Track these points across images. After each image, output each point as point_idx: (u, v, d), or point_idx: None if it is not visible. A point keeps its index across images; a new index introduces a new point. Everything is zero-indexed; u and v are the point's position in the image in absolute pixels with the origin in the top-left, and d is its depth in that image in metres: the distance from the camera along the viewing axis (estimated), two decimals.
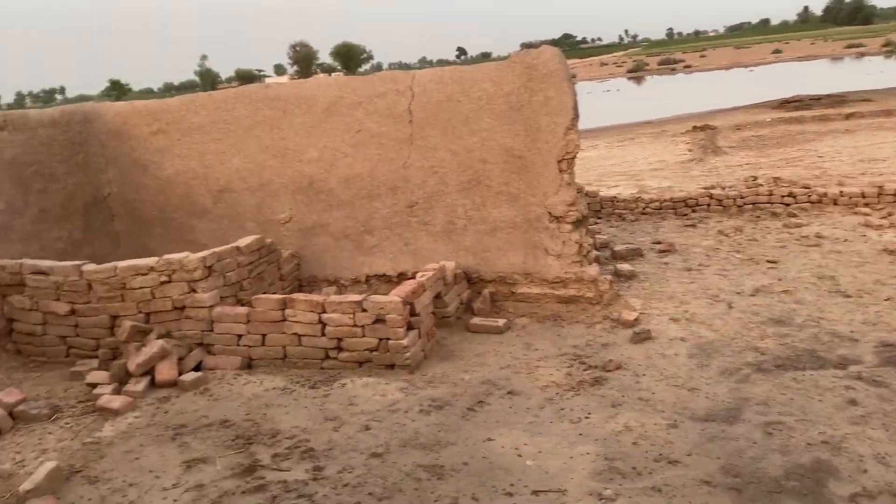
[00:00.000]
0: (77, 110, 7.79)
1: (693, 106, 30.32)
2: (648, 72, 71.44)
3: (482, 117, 6.74)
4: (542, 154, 6.58)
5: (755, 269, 7.59)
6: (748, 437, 4.34)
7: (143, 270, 6.02)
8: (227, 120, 7.56)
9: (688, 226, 9.62)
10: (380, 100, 7.05)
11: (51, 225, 7.23)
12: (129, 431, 5.00)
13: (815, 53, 70.64)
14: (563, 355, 5.79)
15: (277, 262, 7.10)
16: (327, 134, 7.27)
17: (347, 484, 4.13)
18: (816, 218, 9.41)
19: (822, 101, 24.61)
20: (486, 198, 6.90)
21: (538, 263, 6.82)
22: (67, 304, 6.18)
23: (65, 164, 7.45)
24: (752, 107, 26.78)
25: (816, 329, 5.91)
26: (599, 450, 4.31)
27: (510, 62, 6.67)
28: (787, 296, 6.71)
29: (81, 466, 4.58)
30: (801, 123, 20.31)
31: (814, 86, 30.60)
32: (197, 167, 7.75)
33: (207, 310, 5.98)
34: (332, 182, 7.34)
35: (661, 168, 15.28)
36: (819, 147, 15.81)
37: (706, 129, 20.85)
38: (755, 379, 5.10)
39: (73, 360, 6.25)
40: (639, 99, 44.13)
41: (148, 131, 7.82)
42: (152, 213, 8.00)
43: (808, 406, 4.66)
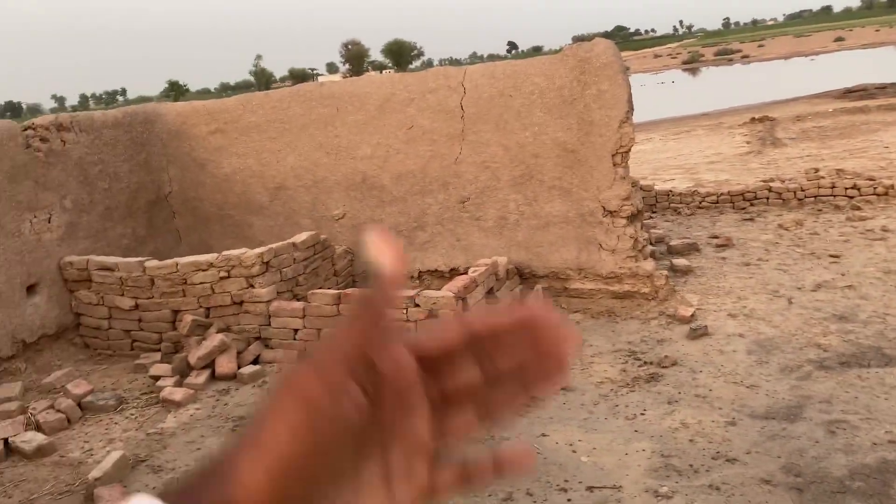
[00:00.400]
0: (139, 111, 8.03)
1: (751, 97, 29.53)
2: (704, 63, 69.91)
3: (534, 111, 6.70)
4: (596, 148, 6.52)
5: (817, 263, 7.37)
6: (810, 435, 4.23)
7: (202, 266, 6.18)
8: (283, 119, 7.69)
9: (746, 220, 9.40)
10: (432, 96, 7.08)
11: (115, 222, 7.48)
12: (190, 422, 5.15)
13: (880, 41, 68.04)
14: (618, 351, 5.74)
15: (332, 257, 7.20)
16: (380, 131, 7.33)
17: None
18: (882, 210, 9.08)
19: (887, 90, 23.69)
20: (539, 192, 6.87)
21: (592, 258, 6.76)
22: (131, 299, 6.39)
23: (128, 164, 7.69)
24: (813, 97, 25.97)
25: (882, 325, 5.71)
26: (655, 447, 4.26)
27: (562, 55, 6.62)
28: (851, 291, 6.51)
29: (146, 456, 4.73)
30: (866, 113, 19.59)
31: (879, 74, 29.47)
32: (254, 165, 7.91)
33: (265, 304, 6.11)
34: (385, 178, 7.41)
35: (718, 161, 14.95)
36: (885, 137, 15.23)
37: (765, 120, 20.30)
38: (817, 376, 4.97)
39: (137, 353, 6.46)
40: (694, 90, 43.23)
41: (206, 131, 8.02)
42: (211, 210, 8.20)
43: (874, 404, 4.51)
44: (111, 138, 7.51)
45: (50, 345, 6.55)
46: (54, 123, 6.91)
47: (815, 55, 61.78)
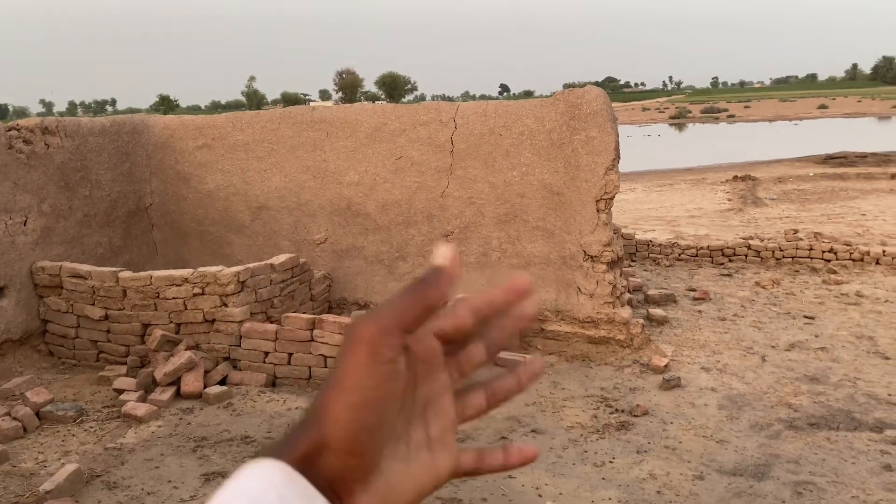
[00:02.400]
0: (127, 121, 7.98)
1: (735, 156, 30.06)
2: (691, 119, 71.19)
3: (523, 152, 6.75)
4: (581, 192, 6.56)
5: (791, 323, 7.43)
6: (777, 495, 4.21)
7: (177, 281, 6.09)
8: (272, 139, 7.68)
9: (724, 275, 9.48)
10: (422, 128, 7.12)
11: (92, 230, 7.38)
12: (151, 440, 5.02)
13: (861, 111, 69.82)
14: (590, 396, 5.70)
15: (309, 281, 7.14)
16: (368, 159, 7.34)
17: None
18: (857, 276, 9.20)
19: (867, 159, 24.23)
20: (522, 232, 6.88)
21: (570, 301, 6.76)
22: (102, 309, 6.28)
23: (111, 172, 7.62)
24: (794, 160, 26.48)
25: (852, 389, 5.74)
26: (622, 496, 4.21)
27: (554, 100, 6.70)
28: (824, 353, 6.55)
29: (102, 471, 4.60)
30: (845, 180, 20.00)
31: (859, 143, 30.16)
32: (238, 183, 7.87)
33: (237, 324, 6.02)
34: (370, 206, 7.40)
35: (699, 215, 15.13)
36: (862, 205, 15.54)
37: (747, 179, 20.65)
38: (786, 436, 4.96)
39: (102, 364, 6.33)
40: (680, 145, 43.93)
41: (193, 145, 7.98)
42: (191, 225, 8.13)
43: (841, 468, 4.51)
44: (96, 145, 7.44)
45: (13, 350, 6.39)
46: (39, 126, 6.84)
47: (798, 120, 63.17)
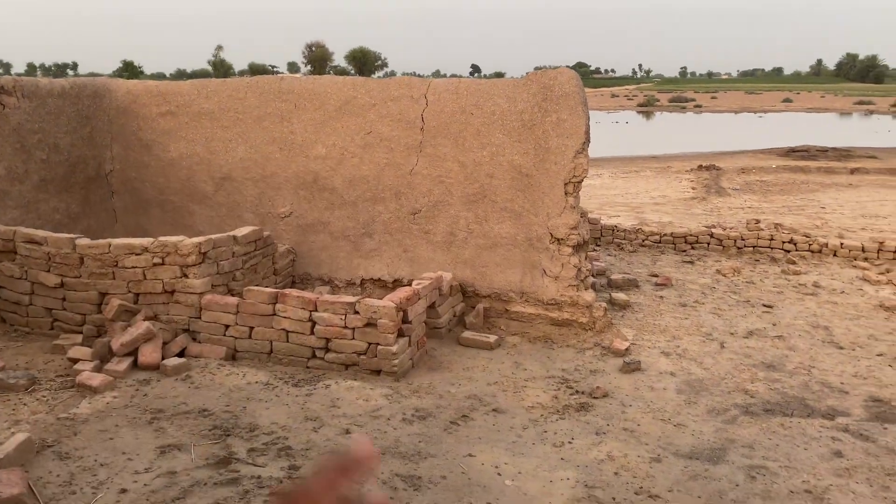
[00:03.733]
0: (88, 83, 7.74)
1: (700, 145, 30.43)
2: (659, 108, 71.81)
3: (493, 132, 6.72)
4: (550, 175, 6.56)
5: (750, 311, 7.56)
6: (731, 478, 4.28)
7: (136, 250, 5.95)
8: (238, 108, 7.52)
9: (686, 262, 9.60)
10: (393, 104, 7.03)
11: (50, 195, 7.16)
12: (105, 410, 4.92)
13: (824, 106, 71.15)
14: (552, 378, 5.74)
15: (273, 255, 7.04)
16: (337, 132, 7.23)
17: None
18: (815, 267, 9.40)
19: (828, 154, 24.74)
20: (490, 213, 6.86)
21: (535, 283, 6.77)
22: (57, 277, 6.11)
23: (70, 136, 7.40)
24: (758, 152, 26.90)
25: (807, 377, 5.87)
26: (580, 476, 4.25)
27: (526, 80, 6.66)
28: (781, 341, 6.68)
29: (53, 441, 4.49)
30: (806, 173, 20.39)
31: (821, 137, 30.75)
32: (202, 152, 7.70)
33: (197, 296, 5.91)
34: (337, 181, 7.30)
35: (663, 203, 15.29)
36: (822, 198, 15.86)
37: (711, 169, 20.93)
38: (742, 421, 5.05)
39: (56, 333, 6.17)
40: (647, 133, 44.30)
41: (157, 112, 7.78)
42: (152, 193, 7.94)
43: (794, 453, 4.61)
44: (55, 108, 7.21)
45: None
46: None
47: (763, 112, 64.15)
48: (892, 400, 5.47)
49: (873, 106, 68.65)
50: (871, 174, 20.25)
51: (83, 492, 3.97)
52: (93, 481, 4.06)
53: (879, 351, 6.48)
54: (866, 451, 4.65)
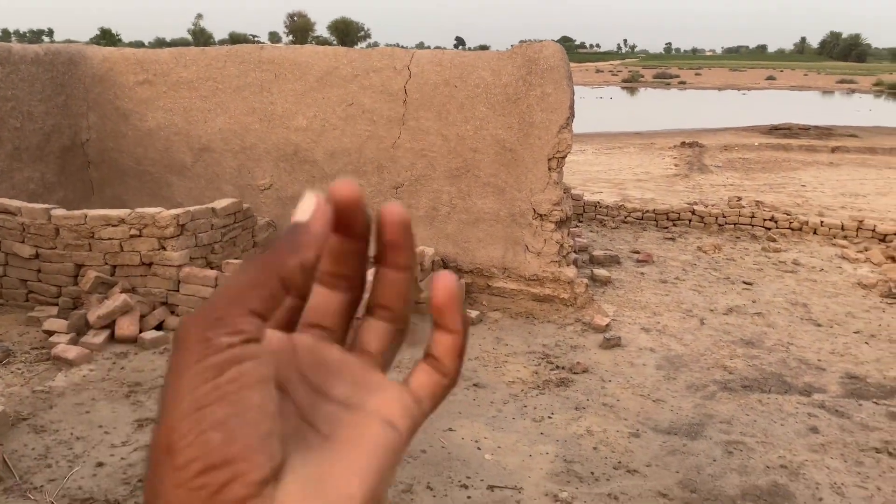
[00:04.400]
0: (63, 50, 7.55)
1: (683, 122, 30.46)
2: (643, 83, 71.73)
3: (477, 106, 6.64)
4: (534, 150, 6.51)
5: (730, 288, 7.60)
6: (708, 453, 4.32)
7: (113, 221, 5.85)
8: (217, 78, 7.38)
9: (667, 238, 9.62)
10: (375, 75, 6.93)
11: (24, 164, 7.01)
12: (82, 384, 4.86)
13: (807, 84, 71.44)
14: (532, 353, 5.74)
15: (252, 228, 6.96)
16: (318, 103, 7.12)
17: None
18: (795, 245, 9.46)
19: (809, 132, 24.85)
20: (473, 188, 6.82)
21: (517, 259, 6.75)
22: (32, 248, 6.00)
23: (44, 104, 7.23)
24: (741, 129, 26.97)
25: (785, 354, 5.92)
26: (559, 451, 4.27)
27: (511, 53, 6.58)
28: (760, 318, 6.73)
29: (29, 414, 4.44)
30: (788, 151, 20.48)
31: (803, 115, 30.88)
32: (180, 122, 7.57)
33: (175, 269, 5.84)
34: (318, 153, 7.21)
35: (646, 179, 15.30)
36: (803, 176, 15.94)
37: (694, 146, 20.95)
38: (720, 397, 5.10)
39: (32, 304, 6.07)
40: (631, 109, 44.28)
41: (134, 80, 7.62)
42: (129, 164, 7.80)
43: (770, 429, 4.66)
44: (29, 75, 7.03)
45: None
46: None
47: (747, 90, 64.29)
48: (868, 377, 5.54)
49: (855, 85, 69.03)
50: (852, 153, 20.37)
51: (59, 465, 3.94)
52: (69, 455, 4.02)
53: (856, 328, 6.55)
54: (841, 427, 4.71)
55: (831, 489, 4.00)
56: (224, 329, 0.33)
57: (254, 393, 0.33)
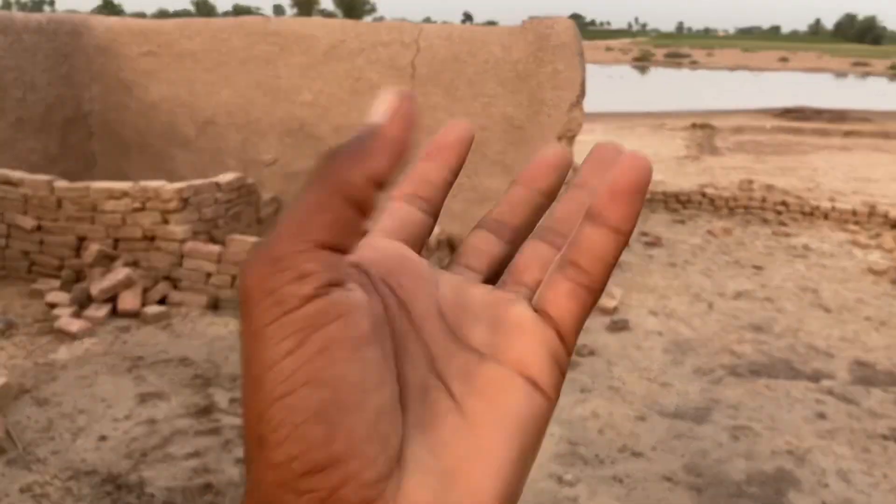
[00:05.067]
0: (66, 20, 7.45)
1: (694, 103, 30.17)
2: (654, 62, 71.08)
3: (487, 82, 6.53)
4: (543, 128, 6.41)
5: (740, 272, 7.52)
6: (714, 438, 4.27)
7: (116, 194, 5.80)
8: (222, 50, 7.28)
9: (677, 221, 9.52)
10: (383, 49, 6.81)
11: (26, 135, 6.95)
12: (84, 357, 4.84)
13: (821, 66, 70.66)
14: None
15: (257, 203, 6.89)
16: (324, 77, 7.02)
17: None
18: (806, 230, 9.35)
19: (822, 116, 24.57)
20: (480, 166, 6.72)
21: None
22: (34, 220, 5.95)
23: (47, 75, 7.14)
24: (753, 111, 26.70)
25: (794, 340, 5.85)
26: (564, 433, 4.22)
27: (522, 29, 6.46)
28: (769, 303, 6.65)
29: (31, 387, 4.42)
30: (800, 135, 20.26)
31: (816, 99, 30.56)
32: (184, 95, 7.48)
33: (178, 243, 5.78)
34: (324, 129, 7.12)
35: (656, 161, 15.15)
36: (815, 160, 15.77)
37: (705, 127, 20.73)
38: (728, 382, 5.04)
39: (34, 277, 6.04)
40: (641, 88, 43.90)
41: (138, 51, 7.52)
42: (132, 136, 7.73)
43: (777, 415, 4.60)
44: (31, 44, 6.94)
45: None
46: None
47: (759, 71, 63.66)
48: (877, 364, 5.47)
49: (870, 67, 68.25)
50: (865, 137, 20.14)
51: (62, 437, 3.92)
52: (72, 427, 4.00)
53: (866, 315, 6.47)
54: (849, 414, 4.65)
55: (837, 475, 3.95)
56: (289, 274, 0.27)
57: (351, 367, 0.27)
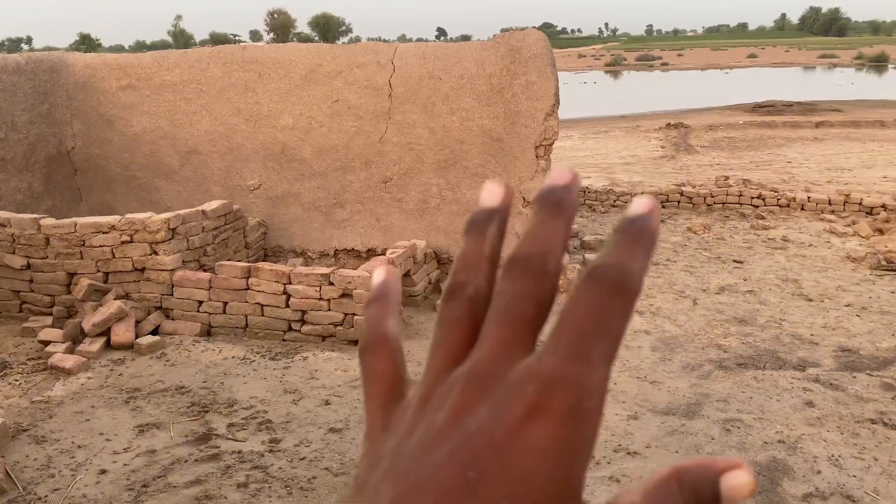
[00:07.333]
0: (44, 58, 7.50)
1: (668, 103, 30.52)
2: (626, 67, 71.77)
3: (462, 97, 6.65)
4: (521, 139, 6.53)
5: (721, 267, 7.66)
6: (707, 432, 4.37)
7: (103, 228, 5.84)
8: (200, 80, 7.35)
9: None
10: (360, 70, 6.92)
11: (10, 175, 6.98)
12: (80, 392, 4.86)
13: (789, 61, 71.66)
14: None
15: (243, 229, 6.95)
16: (303, 101, 7.11)
17: (304, 458, 4.06)
18: (783, 221, 9.53)
19: (793, 108, 24.96)
20: (462, 178, 6.83)
21: (509, 249, 6.77)
22: (23, 258, 5.98)
23: (28, 114, 7.18)
24: (725, 108, 27.05)
25: (778, 330, 5.98)
26: None
27: (494, 42, 6.58)
28: (752, 296, 6.79)
29: (29, 425, 4.43)
30: (773, 128, 20.57)
31: (786, 92, 31.02)
32: (165, 126, 7.54)
33: (168, 273, 5.83)
34: (306, 151, 7.20)
35: (633, 162, 15.34)
36: (788, 153, 16.03)
37: (679, 127, 21.00)
38: (716, 376, 5.14)
39: (26, 315, 6.06)
40: (615, 93, 44.31)
41: (117, 86, 7.58)
42: (116, 170, 7.77)
43: (767, 405, 4.71)
44: (10, 84, 6.98)
45: None
46: None
47: (729, 68, 64.44)
48: (861, 349, 5.60)
49: (836, 59, 69.30)
50: (836, 127, 20.49)
51: (62, 474, 3.94)
52: (71, 463, 4.02)
53: (847, 302, 6.62)
54: (836, 400, 4.77)
55: (829, 461, 4.05)
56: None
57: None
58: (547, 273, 0.31)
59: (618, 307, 0.29)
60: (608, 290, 0.29)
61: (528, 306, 0.31)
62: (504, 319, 0.31)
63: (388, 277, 0.38)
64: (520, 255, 0.32)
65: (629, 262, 0.30)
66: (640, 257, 0.30)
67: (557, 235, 0.32)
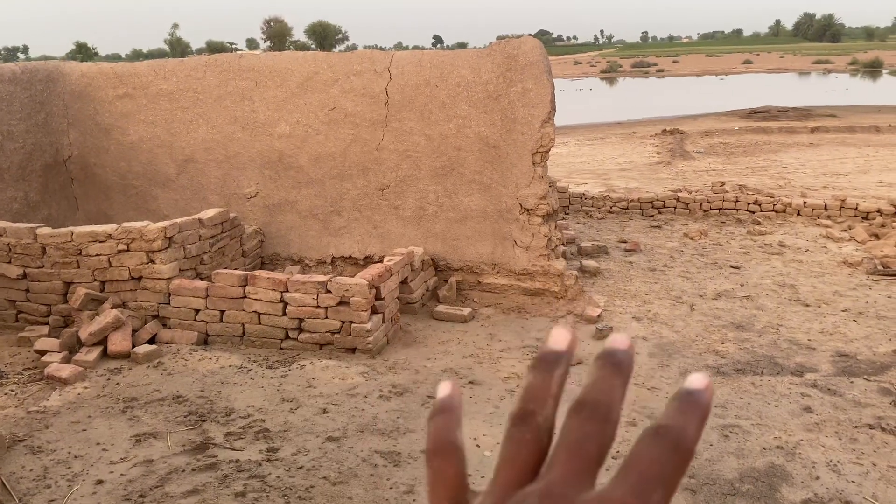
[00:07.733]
0: (40, 68, 7.50)
1: (663, 110, 30.60)
2: (622, 73, 71.97)
3: (459, 104, 6.66)
4: (517, 145, 6.54)
5: (718, 273, 7.67)
6: (705, 439, 4.36)
7: (100, 237, 5.83)
8: (197, 88, 7.36)
9: (654, 227, 9.68)
10: (356, 78, 6.93)
11: (6, 184, 6.97)
12: (77, 402, 4.84)
13: (784, 66, 71.90)
14: (526, 347, 5.77)
15: (240, 237, 6.95)
16: (300, 109, 7.12)
17: (302, 466, 4.05)
18: (780, 227, 9.55)
19: (788, 114, 25.04)
20: (459, 186, 6.84)
21: (506, 254, 6.78)
22: (19, 267, 5.97)
23: (24, 123, 7.18)
24: (721, 114, 27.13)
25: (775, 336, 5.98)
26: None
27: (490, 50, 6.60)
28: (749, 301, 6.79)
29: (25, 435, 4.41)
30: (768, 134, 20.63)
31: (781, 98, 31.12)
32: (162, 135, 7.54)
33: (165, 282, 5.82)
34: (303, 159, 7.21)
35: (630, 169, 15.38)
36: (784, 158, 16.07)
37: (675, 133, 21.06)
38: (714, 381, 5.14)
39: (22, 324, 6.04)
40: (611, 99, 44.42)
41: (114, 94, 7.58)
42: (113, 179, 7.77)
43: (765, 411, 4.71)
44: (7, 94, 6.98)
45: None
46: None
47: (724, 75, 64.61)
48: (858, 354, 5.61)
49: (831, 65, 69.56)
50: (831, 132, 20.55)
51: (58, 485, 3.92)
52: (67, 474, 4.00)
53: (844, 307, 6.63)
54: (834, 406, 4.77)
55: (827, 467, 4.05)
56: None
57: None
58: (610, 421, 0.38)
59: (675, 463, 0.36)
60: (669, 447, 0.36)
61: (593, 446, 0.37)
62: (574, 452, 0.37)
63: (454, 391, 0.44)
64: (588, 400, 0.39)
65: (687, 427, 0.36)
66: (696, 425, 0.37)
67: (618, 391, 0.39)
